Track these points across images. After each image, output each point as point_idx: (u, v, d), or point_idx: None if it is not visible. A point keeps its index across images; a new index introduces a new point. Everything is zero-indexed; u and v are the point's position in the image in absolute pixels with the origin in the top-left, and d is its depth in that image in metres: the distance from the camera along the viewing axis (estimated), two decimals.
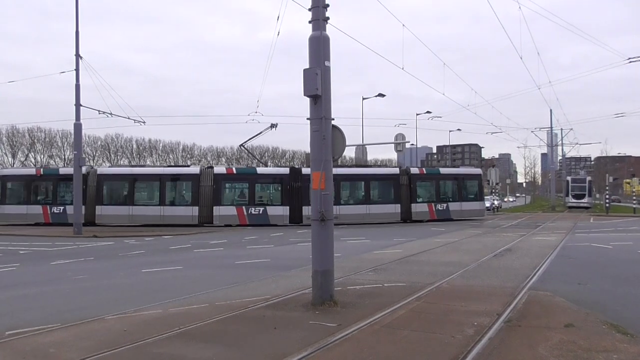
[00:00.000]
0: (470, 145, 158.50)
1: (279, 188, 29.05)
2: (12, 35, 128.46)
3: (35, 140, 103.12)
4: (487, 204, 47.67)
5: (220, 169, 30.31)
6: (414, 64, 30.43)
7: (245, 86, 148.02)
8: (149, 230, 25.22)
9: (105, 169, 30.79)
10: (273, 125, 27.54)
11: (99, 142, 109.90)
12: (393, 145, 35.36)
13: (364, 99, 43.59)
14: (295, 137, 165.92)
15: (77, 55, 23.27)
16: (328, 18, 7.70)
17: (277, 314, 7.21)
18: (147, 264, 13.29)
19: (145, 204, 28.78)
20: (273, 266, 12.64)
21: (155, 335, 6.11)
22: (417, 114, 53.54)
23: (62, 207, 28.77)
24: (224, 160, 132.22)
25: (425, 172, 33.94)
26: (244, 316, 7.13)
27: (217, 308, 7.62)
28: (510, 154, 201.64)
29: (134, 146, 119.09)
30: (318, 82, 7.40)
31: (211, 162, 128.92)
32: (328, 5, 7.71)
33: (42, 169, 32.11)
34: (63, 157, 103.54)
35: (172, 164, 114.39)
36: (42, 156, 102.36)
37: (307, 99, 7.70)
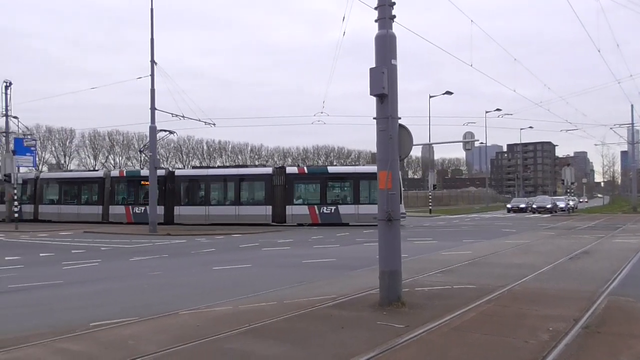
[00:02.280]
0: (542, 143, 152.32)
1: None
2: (93, 44, 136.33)
3: (114, 143, 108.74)
4: (562, 205, 45.55)
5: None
6: (483, 60, 29.69)
7: (311, 87, 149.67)
8: (218, 229, 25.98)
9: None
10: (171, 132, 28.08)
11: (172, 144, 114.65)
12: (461, 144, 34.57)
13: (430, 97, 42.92)
14: (360, 136, 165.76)
15: (152, 62, 24.36)
16: (394, 16, 7.62)
17: (344, 313, 7.22)
18: (218, 262, 13.71)
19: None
20: (339, 266, 12.68)
21: (226, 331, 6.28)
22: (487, 112, 52.20)
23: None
24: (290, 160, 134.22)
25: (306, 171, 31.29)
26: (312, 315, 7.20)
27: (285, 306, 7.74)
28: (586, 152, 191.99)
29: (205, 147, 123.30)
30: (384, 81, 7.34)
31: (277, 162, 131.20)
32: (394, 3, 7.64)
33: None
34: (139, 158, 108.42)
35: (241, 164, 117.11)
36: (120, 158, 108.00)
37: (374, 98, 7.67)
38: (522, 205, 49.38)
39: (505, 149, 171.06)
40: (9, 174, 27.85)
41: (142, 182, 30.07)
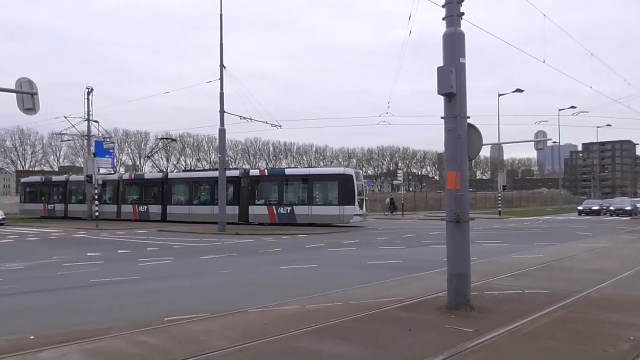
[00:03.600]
0: (621, 142, 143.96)
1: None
2: (166, 50, 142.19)
3: (185, 145, 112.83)
4: (628, 207, 42.52)
5: (254, 172, 32.78)
6: (557, 56, 28.44)
7: (376, 86, 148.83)
8: (285, 230, 26.37)
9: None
10: (173, 140, 29.04)
11: (240, 146, 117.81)
12: (533, 143, 33.34)
13: (500, 95, 41.62)
14: (426, 137, 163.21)
15: (221, 66, 25.09)
16: (463, 13, 7.47)
17: (412, 315, 7.15)
18: (285, 261, 13.93)
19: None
20: (406, 267, 12.55)
21: (294, 329, 6.38)
22: (560, 110, 49.98)
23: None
24: (354, 161, 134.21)
25: (266, 173, 32.69)
26: (379, 316, 7.17)
27: (352, 306, 7.75)
28: None
29: (271, 149, 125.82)
30: (452, 79, 7.21)
31: (342, 163, 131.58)
32: (462, 0, 7.49)
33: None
34: (209, 160, 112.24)
35: (307, 166, 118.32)
36: (191, 159, 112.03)
37: (441, 98, 7.54)
38: (595, 208, 46.07)
39: (580, 148, 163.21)
40: (91, 175, 29.54)
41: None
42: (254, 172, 32.56)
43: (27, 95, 12.64)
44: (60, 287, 10.65)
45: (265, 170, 33.87)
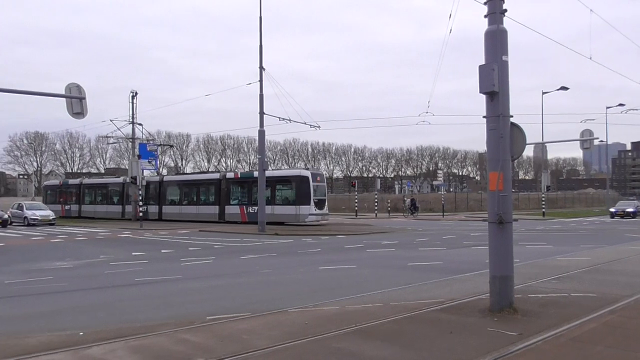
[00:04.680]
0: None
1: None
2: (207, 53, 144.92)
3: (226, 147, 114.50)
4: None
5: (230, 174, 35.29)
6: (604, 52, 27.53)
7: (416, 86, 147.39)
8: (325, 230, 26.44)
9: (231, 174, 35.68)
10: (171, 146, 30.91)
11: (279, 147, 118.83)
12: (578, 142, 32.36)
13: (543, 93, 40.59)
14: (466, 136, 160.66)
15: (261, 68, 25.36)
16: (505, 10, 7.32)
17: (453, 318, 7.05)
18: (324, 262, 13.97)
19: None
20: (446, 269, 12.38)
21: (334, 330, 6.39)
22: (608, 108, 48.21)
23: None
24: (393, 162, 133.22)
25: (239, 176, 35.01)
26: (419, 318, 7.11)
27: (392, 308, 7.71)
28: None
29: (309, 150, 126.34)
30: (495, 78, 7.08)
31: (380, 163, 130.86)
32: None
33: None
34: (248, 161, 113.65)
35: (345, 166, 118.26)
36: (231, 161, 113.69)
37: (483, 96, 7.42)
38: (630, 210, 41.19)
39: (629, 147, 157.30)
40: (135, 177, 30.35)
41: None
42: (230, 174, 35.21)
43: (75, 100, 13.11)
44: (107, 285, 10.99)
45: (239, 173, 36.75)
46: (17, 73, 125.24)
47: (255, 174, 29.82)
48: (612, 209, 43.68)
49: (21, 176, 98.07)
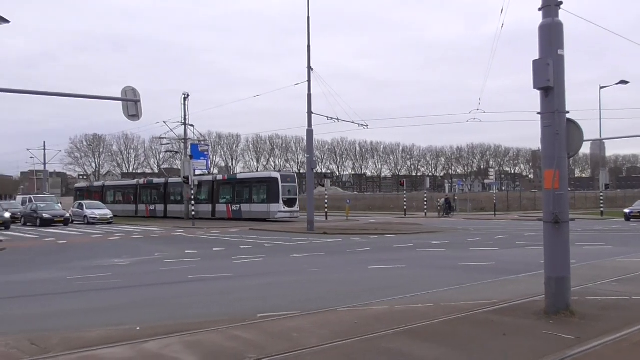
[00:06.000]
0: None
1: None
2: (256, 54, 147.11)
3: (275, 147, 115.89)
4: None
5: (219, 176, 40.81)
6: None
7: (466, 83, 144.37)
8: (372, 229, 26.33)
9: (220, 176, 39.22)
10: (177, 152, 33.32)
11: (326, 146, 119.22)
12: None
13: (601, 87, 38.98)
14: (519, 134, 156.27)
15: (309, 68, 25.50)
16: (561, 2, 7.07)
17: (506, 319, 6.88)
18: (373, 261, 13.91)
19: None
20: (499, 270, 12.09)
21: (383, 330, 6.36)
22: None
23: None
24: (443, 160, 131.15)
25: (226, 177, 40.18)
26: (470, 319, 6.97)
27: (443, 308, 7.60)
28: None
29: (357, 149, 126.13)
30: (550, 73, 6.85)
31: (430, 162, 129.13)
32: None
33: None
34: (297, 160, 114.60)
35: (393, 165, 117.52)
36: (279, 160, 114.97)
37: (537, 92, 7.20)
38: None
39: None
40: (187, 177, 31.15)
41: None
42: (219, 177, 40.39)
43: (131, 103, 13.56)
44: (162, 282, 11.35)
45: (226, 176, 41.95)
46: (77, 78, 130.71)
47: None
48: (626, 210, 35.36)
49: (81, 177, 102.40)
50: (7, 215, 30.06)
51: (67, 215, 33.87)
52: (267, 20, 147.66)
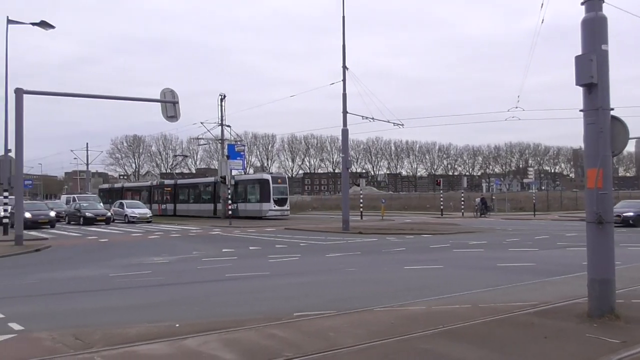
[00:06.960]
0: None
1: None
2: (291, 54, 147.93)
3: (309, 146, 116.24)
4: None
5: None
6: None
7: (505, 80, 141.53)
8: (408, 229, 26.11)
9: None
10: (185, 156, 34.28)
11: (361, 146, 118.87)
12: None
13: None
14: (559, 132, 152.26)
15: (344, 67, 25.47)
16: None
17: (547, 322, 6.71)
18: (409, 261, 13.79)
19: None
20: (539, 271, 11.81)
21: (420, 331, 6.30)
22: None
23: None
24: (480, 159, 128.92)
25: None
26: (510, 321, 6.83)
27: (481, 310, 7.47)
28: None
29: (392, 148, 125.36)
30: (593, 68, 6.65)
31: (466, 161, 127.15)
32: None
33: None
34: (332, 160, 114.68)
35: (429, 164, 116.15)
36: (314, 160, 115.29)
37: (579, 89, 7.00)
38: (630, 214, 27.01)
39: None
40: (224, 176, 31.57)
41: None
42: (219, 179, 41.05)
43: (170, 104, 13.86)
44: (200, 280, 11.53)
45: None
46: (117, 80, 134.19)
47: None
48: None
49: (121, 177, 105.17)
50: (53, 214, 31.11)
51: (109, 214, 34.84)
52: (301, 20, 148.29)
